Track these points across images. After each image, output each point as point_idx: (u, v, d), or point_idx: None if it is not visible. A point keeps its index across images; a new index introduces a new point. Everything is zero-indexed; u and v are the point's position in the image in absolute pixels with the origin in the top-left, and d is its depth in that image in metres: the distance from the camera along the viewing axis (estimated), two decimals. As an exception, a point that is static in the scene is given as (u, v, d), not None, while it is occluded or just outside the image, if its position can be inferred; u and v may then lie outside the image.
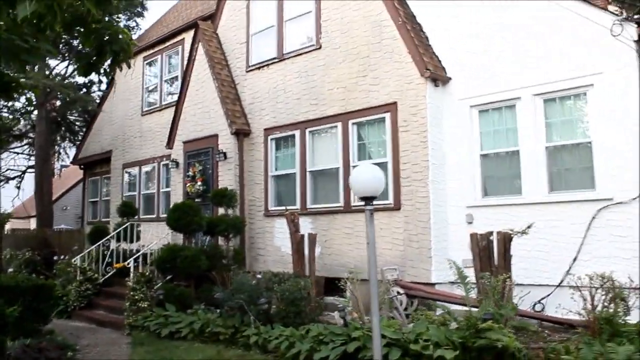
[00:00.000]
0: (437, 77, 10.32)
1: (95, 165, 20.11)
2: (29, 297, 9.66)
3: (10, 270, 14.78)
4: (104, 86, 21.86)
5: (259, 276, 9.43)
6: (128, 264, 11.61)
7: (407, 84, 10.45)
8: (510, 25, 9.83)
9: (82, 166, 20.91)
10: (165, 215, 15.51)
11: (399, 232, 10.36)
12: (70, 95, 18.21)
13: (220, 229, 11.68)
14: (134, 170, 17.66)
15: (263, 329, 8.43)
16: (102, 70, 9.78)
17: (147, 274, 11.39)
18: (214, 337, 9.05)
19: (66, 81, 19.83)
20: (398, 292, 9.52)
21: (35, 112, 21.36)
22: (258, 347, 8.21)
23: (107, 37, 8.64)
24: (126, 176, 18.03)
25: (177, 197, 14.40)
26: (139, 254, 11.99)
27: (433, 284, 9.90)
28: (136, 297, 10.93)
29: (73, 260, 13.41)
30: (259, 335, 8.30)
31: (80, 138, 22.55)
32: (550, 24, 9.38)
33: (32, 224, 24.85)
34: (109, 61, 9.35)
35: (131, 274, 11.39)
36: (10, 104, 19.32)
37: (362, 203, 10.70)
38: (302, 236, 10.36)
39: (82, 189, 21.42)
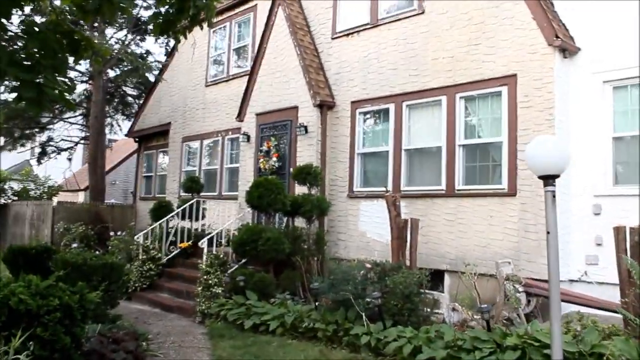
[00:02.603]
0: (567, 46, 8.95)
1: (152, 139, 19.04)
2: (98, 277, 8.69)
3: (75, 246, 13.81)
4: (161, 57, 20.84)
5: (368, 265, 8.21)
6: (202, 244, 10.51)
7: (530, 54, 9.10)
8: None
9: (136, 139, 19.90)
10: (229, 193, 14.58)
11: (513, 221, 9.07)
12: (133, 62, 17.12)
13: (305, 209, 10.48)
14: (195, 144, 16.55)
15: (373, 327, 7.22)
16: (179, 30, 8.64)
17: (222, 256, 10.32)
18: (310, 333, 7.89)
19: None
20: (516, 290, 8.25)
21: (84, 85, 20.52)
22: (369, 349, 7.01)
23: (189, -8, 7.52)
24: (185, 150, 16.95)
25: (247, 174, 13.26)
26: (213, 233, 10.88)
27: (552, 282, 8.61)
28: (210, 281, 9.86)
29: (135, 237, 12.39)
30: (370, 334, 7.09)
31: (133, 111, 21.58)
32: None
33: (81, 197, 24.07)
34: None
35: (204, 256, 10.30)
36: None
37: (470, 187, 9.74)
38: (405, 221, 9.13)
39: (135, 163, 20.41)
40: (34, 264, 9.77)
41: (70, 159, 21.78)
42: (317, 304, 8.14)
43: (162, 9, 7.91)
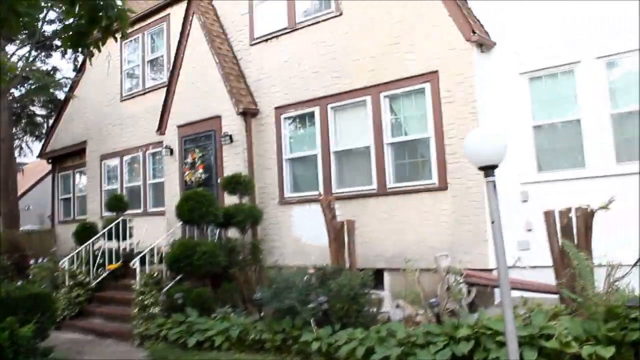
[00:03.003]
0: (483, 41, 9.23)
1: (67, 159, 18.21)
2: (23, 310, 8.21)
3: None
4: (69, 74, 19.98)
5: (311, 270, 8.13)
6: (133, 264, 10.13)
7: (449, 51, 9.32)
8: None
9: (49, 160, 19.00)
10: (155, 209, 14.20)
11: (446, 215, 9.26)
12: (40, 79, 16.30)
13: (238, 219, 10.30)
14: (114, 162, 15.96)
15: (323, 332, 7.16)
16: (91, 43, 8.27)
17: (155, 274, 9.99)
18: (257, 345, 7.73)
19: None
20: (456, 281, 8.41)
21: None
22: (321, 355, 6.94)
23: (101, 3, 7.23)
24: (105, 168, 16.33)
25: (172, 188, 12.92)
26: (144, 251, 10.49)
27: (490, 270, 8.85)
28: (146, 301, 9.52)
29: (60, 263, 11.80)
30: (320, 340, 7.03)
31: (43, 131, 20.62)
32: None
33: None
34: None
35: (137, 276, 9.94)
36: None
37: (401, 184, 9.86)
38: (342, 223, 9.13)
39: (51, 186, 19.45)
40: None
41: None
42: (262, 314, 7.99)
43: (72, 21, 7.51)
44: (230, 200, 11.12)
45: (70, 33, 7.60)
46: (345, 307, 7.40)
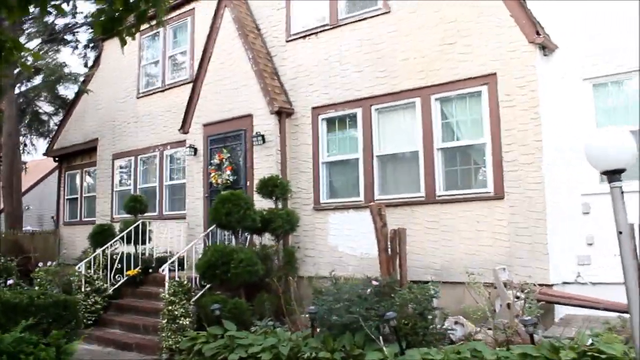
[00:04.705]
0: (546, 44, 8.69)
1: (75, 157, 17.43)
2: (48, 319, 7.56)
3: (11, 282, 12.05)
4: (79, 70, 19.23)
5: (375, 282, 7.47)
6: (162, 270, 9.41)
7: (510, 52, 8.75)
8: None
9: (56, 159, 18.20)
10: (171, 212, 13.54)
11: (502, 226, 8.66)
12: (55, 72, 15.52)
13: (275, 225, 9.63)
14: (128, 161, 15.23)
15: (389, 351, 6.49)
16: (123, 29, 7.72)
17: (185, 283, 9.27)
18: (311, 364, 7.02)
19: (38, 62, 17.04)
20: (516, 297, 7.78)
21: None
22: (389, 378, 6.27)
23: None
24: (117, 168, 15.58)
25: (195, 190, 12.21)
26: (174, 257, 9.78)
27: (550, 285, 8.28)
28: (175, 312, 8.79)
29: (77, 267, 11.04)
30: (387, 360, 6.36)
31: (48, 128, 19.82)
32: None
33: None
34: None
35: (166, 284, 9.21)
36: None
37: (452, 192, 9.25)
38: (394, 232, 8.48)
39: (57, 185, 18.60)
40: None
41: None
42: (317, 329, 7.28)
43: (105, 5, 6.85)
44: (259, 205, 10.42)
45: (103, 18, 6.99)
46: (411, 324, 6.75)
